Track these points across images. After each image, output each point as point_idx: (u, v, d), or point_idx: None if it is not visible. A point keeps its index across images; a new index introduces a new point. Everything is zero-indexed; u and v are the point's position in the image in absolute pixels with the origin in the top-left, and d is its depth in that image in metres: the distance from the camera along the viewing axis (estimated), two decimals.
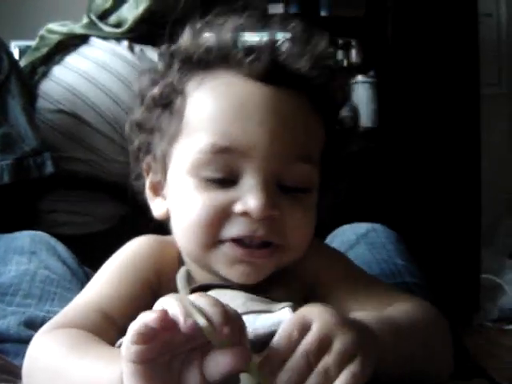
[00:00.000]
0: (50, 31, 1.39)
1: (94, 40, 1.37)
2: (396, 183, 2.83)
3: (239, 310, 0.45)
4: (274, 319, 0.52)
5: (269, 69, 0.59)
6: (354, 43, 3.12)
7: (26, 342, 0.59)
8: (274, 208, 0.56)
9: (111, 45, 1.34)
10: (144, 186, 0.69)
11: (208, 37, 0.62)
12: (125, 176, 0.75)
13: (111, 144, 1.23)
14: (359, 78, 2.97)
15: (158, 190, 0.67)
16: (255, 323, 0.51)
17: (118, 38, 1.35)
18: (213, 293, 0.56)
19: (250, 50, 0.60)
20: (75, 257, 0.85)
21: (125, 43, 1.34)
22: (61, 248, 0.86)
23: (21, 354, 0.60)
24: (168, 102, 0.63)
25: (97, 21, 1.38)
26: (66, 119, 1.26)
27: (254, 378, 0.42)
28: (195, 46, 0.62)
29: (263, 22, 0.65)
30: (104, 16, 1.39)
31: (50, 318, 0.61)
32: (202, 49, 0.61)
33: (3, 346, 0.74)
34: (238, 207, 0.56)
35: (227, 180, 0.57)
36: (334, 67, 0.65)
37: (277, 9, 3.09)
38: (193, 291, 0.58)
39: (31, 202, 1.22)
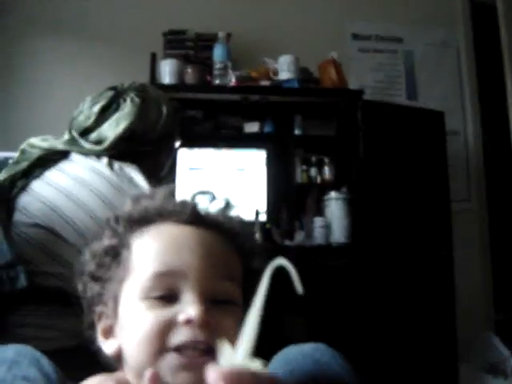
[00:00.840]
0: (32, 146, 1.42)
1: (74, 156, 1.40)
2: (370, 299, 2.82)
3: None
4: None
5: (192, 217, 0.76)
6: (326, 161, 3.21)
7: None
8: (210, 316, 0.67)
9: (91, 161, 1.37)
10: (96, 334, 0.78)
11: (146, 201, 0.80)
12: None
13: None
14: (332, 194, 3.05)
15: (109, 333, 0.76)
16: None
17: (97, 155, 1.39)
18: None
19: (178, 205, 0.78)
20: (60, 371, 0.83)
21: (104, 160, 1.37)
22: (45, 361, 0.84)
23: None
24: (116, 254, 0.76)
25: (78, 137, 1.42)
26: (42, 233, 1.26)
27: None
28: (136, 209, 0.79)
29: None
30: (85, 133, 1.44)
31: None
32: (142, 210, 0.78)
33: None
34: (181, 317, 0.66)
35: (171, 298, 0.69)
36: (239, 218, 0.83)
37: (253, 128, 3.19)
38: None
39: (1, 314, 1.19)
